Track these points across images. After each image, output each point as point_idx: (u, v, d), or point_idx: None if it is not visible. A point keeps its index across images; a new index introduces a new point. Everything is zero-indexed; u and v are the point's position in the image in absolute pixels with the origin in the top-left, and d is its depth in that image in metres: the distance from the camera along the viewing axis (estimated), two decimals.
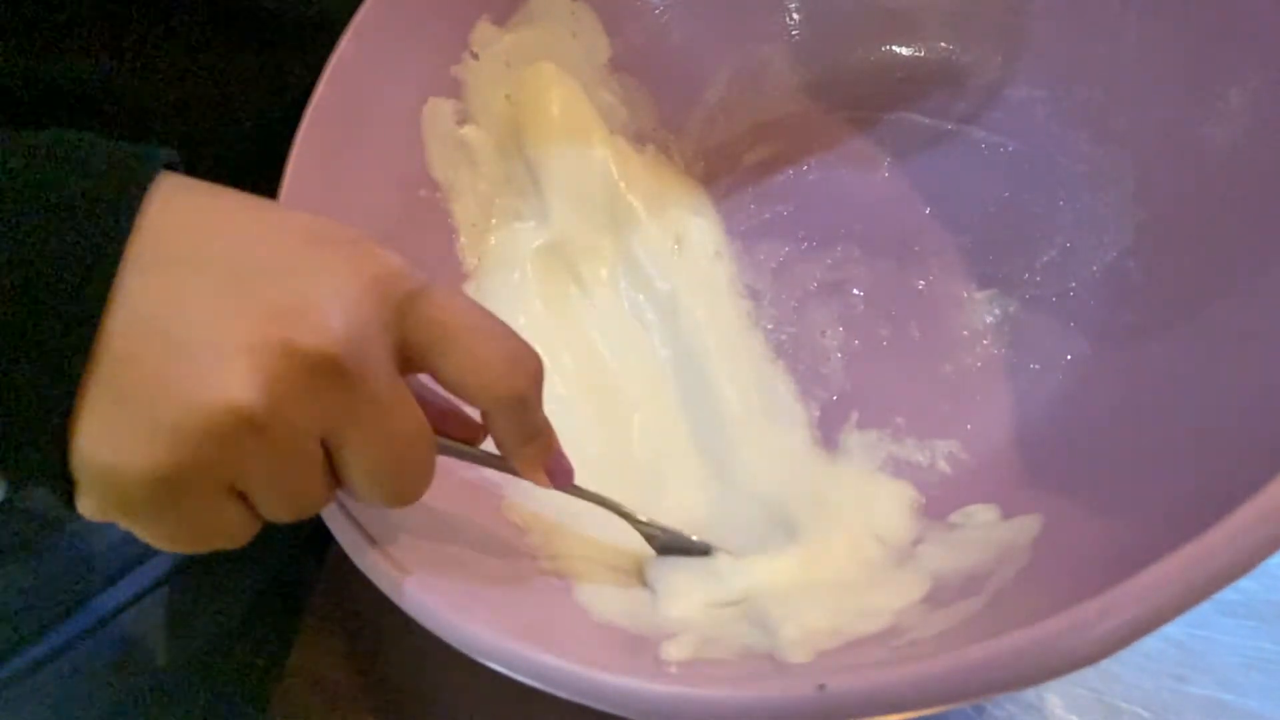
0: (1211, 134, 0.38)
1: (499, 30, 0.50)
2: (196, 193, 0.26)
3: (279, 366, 0.24)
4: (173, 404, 0.23)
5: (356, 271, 0.26)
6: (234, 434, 0.24)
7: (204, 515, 0.25)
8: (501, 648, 0.26)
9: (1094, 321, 0.41)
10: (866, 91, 0.52)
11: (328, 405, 0.25)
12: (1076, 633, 0.21)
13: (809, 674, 0.22)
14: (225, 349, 0.24)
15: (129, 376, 0.23)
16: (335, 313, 0.25)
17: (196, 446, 0.23)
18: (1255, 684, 0.39)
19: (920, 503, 0.39)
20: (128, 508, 0.25)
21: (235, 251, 0.25)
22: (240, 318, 0.24)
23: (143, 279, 0.24)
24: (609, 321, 0.48)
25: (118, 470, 0.24)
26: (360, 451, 0.26)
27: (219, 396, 0.23)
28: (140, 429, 0.23)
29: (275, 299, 0.24)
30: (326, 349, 0.24)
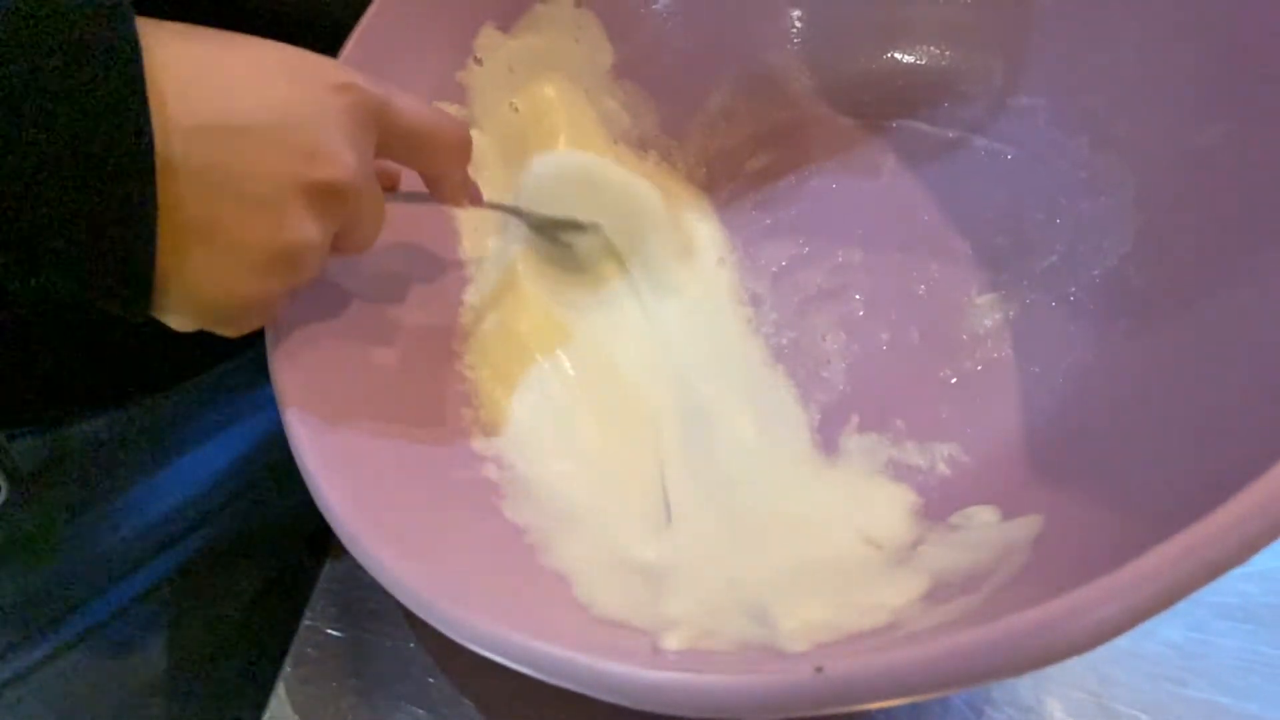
0: (1210, 140, 0.38)
1: (503, 36, 0.50)
2: (189, 46, 0.30)
3: (325, 202, 0.33)
4: (264, 248, 0.32)
5: (349, 105, 0.34)
6: (306, 257, 0.33)
7: (271, 308, 0.34)
8: (501, 637, 0.26)
9: (1094, 325, 0.41)
10: (868, 99, 0.52)
11: (345, 213, 0.35)
12: (1075, 616, 0.21)
13: (807, 659, 0.22)
14: (287, 199, 0.32)
15: (214, 231, 0.30)
16: (349, 149, 0.33)
17: (286, 273, 0.33)
18: (1254, 687, 0.39)
19: (920, 506, 0.39)
20: (226, 320, 0.33)
21: (255, 107, 0.31)
22: (286, 168, 0.31)
23: (191, 148, 0.29)
24: (611, 328, 0.48)
25: (231, 300, 0.32)
26: (360, 231, 0.37)
27: (296, 237, 0.32)
28: (244, 269, 0.31)
29: (304, 145, 0.32)
30: (350, 181, 0.33)
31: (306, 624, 0.48)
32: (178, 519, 0.53)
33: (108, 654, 0.50)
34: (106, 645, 0.50)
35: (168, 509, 0.52)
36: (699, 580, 0.35)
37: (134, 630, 0.50)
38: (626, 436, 0.44)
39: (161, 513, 0.52)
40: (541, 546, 0.37)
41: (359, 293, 0.42)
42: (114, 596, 0.50)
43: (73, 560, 0.48)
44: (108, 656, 0.50)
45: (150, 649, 0.51)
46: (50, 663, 0.48)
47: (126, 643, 0.51)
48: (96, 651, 0.49)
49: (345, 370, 0.40)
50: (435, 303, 0.46)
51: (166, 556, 0.52)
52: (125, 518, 0.50)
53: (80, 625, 0.49)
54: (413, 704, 0.44)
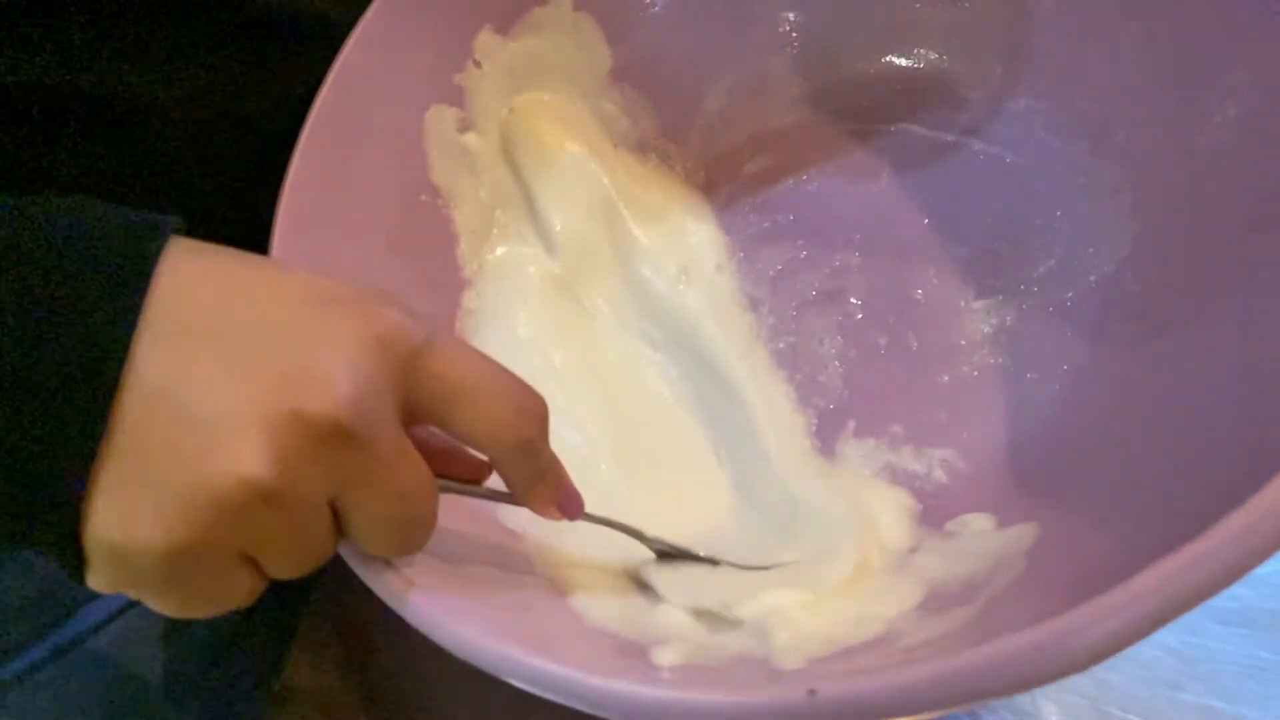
0: (1209, 147, 0.38)
1: (502, 39, 0.50)
2: (202, 258, 0.26)
3: (289, 436, 0.24)
4: (184, 479, 0.23)
5: (360, 333, 0.26)
6: (246, 506, 0.24)
7: (216, 584, 0.26)
8: (492, 650, 0.26)
9: (1091, 332, 0.41)
10: (866, 102, 0.52)
11: (336, 468, 0.25)
12: (1066, 639, 0.21)
13: (800, 679, 0.23)
14: (235, 421, 0.24)
15: (140, 451, 0.23)
16: (341, 378, 0.25)
17: (209, 521, 0.24)
18: (1250, 692, 0.39)
19: (917, 511, 0.39)
20: (140, 582, 0.25)
21: (242, 319, 0.25)
22: (249, 387, 0.24)
23: (154, 351, 0.24)
24: (609, 333, 0.48)
25: (130, 547, 0.23)
26: (368, 509, 0.27)
27: (231, 470, 0.23)
28: (152, 505, 0.23)
29: (282, 366, 0.25)
30: (334, 415, 0.24)
31: (304, 627, 0.48)
32: None
33: (109, 655, 0.50)
34: (107, 646, 0.50)
35: None
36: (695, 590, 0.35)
37: (131, 635, 0.51)
38: (625, 443, 0.44)
39: None
40: (536, 554, 0.37)
41: None
42: (112, 600, 0.50)
43: None
44: (109, 658, 0.50)
45: (151, 650, 0.51)
46: (48, 666, 0.48)
47: (128, 644, 0.51)
48: (97, 653, 0.49)
49: None
50: (432, 304, 0.46)
51: None
52: None
53: (81, 626, 0.49)
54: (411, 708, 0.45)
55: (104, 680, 0.50)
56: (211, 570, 0.25)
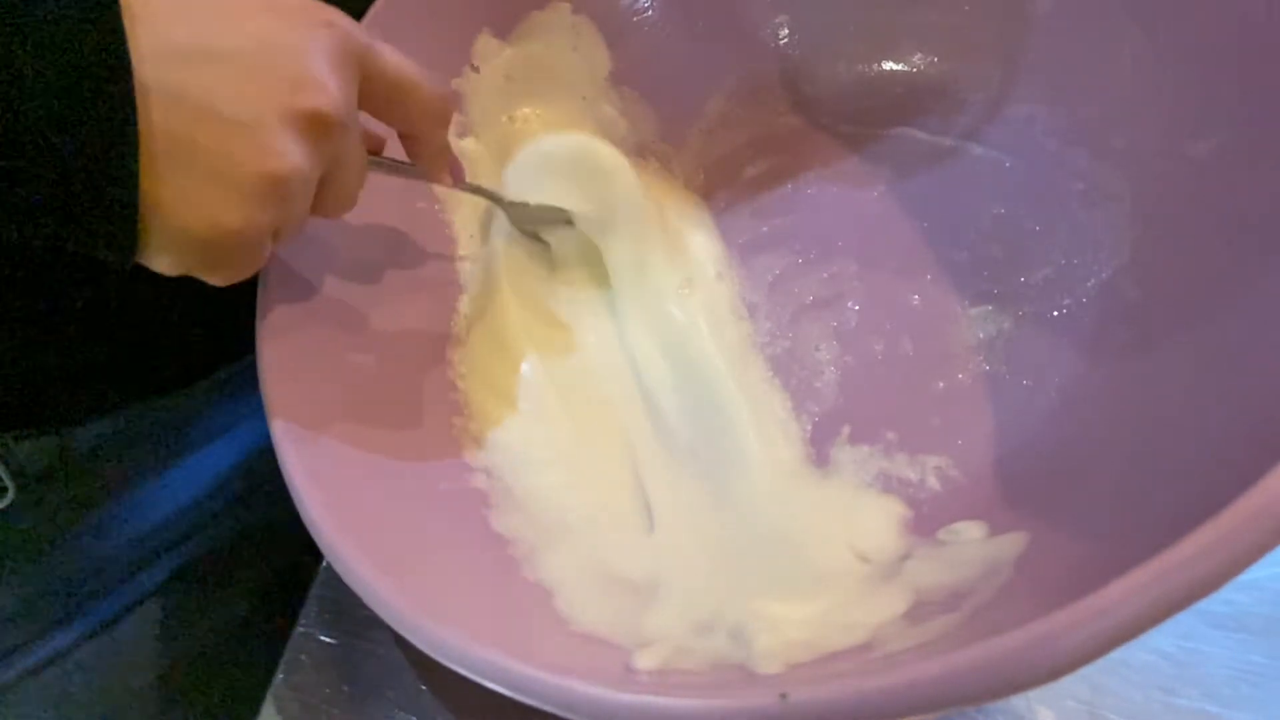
0: (1208, 153, 0.38)
1: (500, 43, 0.50)
2: None
3: (312, 130, 0.31)
4: (249, 173, 0.30)
5: (335, 40, 0.32)
6: (294, 189, 0.31)
7: (257, 254, 0.32)
8: (469, 653, 0.26)
9: (1088, 339, 0.40)
10: (865, 107, 0.52)
11: (333, 148, 0.33)
12: (1040, 646, 0.21)
13: (775, 684, 0.22)
14: (273, 124, 0.30)
15: (199, 156, 0.29)
16: (334, 80, 0.32)
17: (275, 203, 0.31)
18: (1244, 697, 0.39)
19: (909, 519, 0.39)
20: (212, 259, 0.31)
21: (239, 36, 0.30)
22: (272, 94, 0.30)
23: (172, 72, 0.28)
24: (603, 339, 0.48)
25: (215, 231, 0.30)
26: (342, 178, 0.35)
27: (284, 162, 0.30)
28: (228, 196, 0.30)
29: (291, 74, 0.31)
30: (336, 110, 0.32)
31: (299, 630, 0.48)
32: (181, 521, 0.53)
33: (109, 656, 0.50)
34: (107, 649, 0.50)
35: (171, 511, 0.52)
36: (683, 594, 0.35)
37: (133, 635, 0.51)
38: (617, 449, 0.44)
39: (165, 515, 0.52)
40: (526, 558, 0.37)
41: (352, 299, 0.43)
42: (116, 598, 0.50)
43: (76, 562, 0.48)
44: (109, 659, 0.50)
45: (152, 651, 0.52)
46: (52, 665, 0.48)
47: (128, 645, 0.51)
48: (97, 655, 0.50)
49: (335, 378, 0.40)
50: (430, 310, 0.46)
51: (169, 558, 0.52)
52: (129, 520, 0.50)
53: (83, 627, 0.49)
54: (404, 711, 0.45)
55: (103, 682, 0.50)
56: (259, 242, 0.32)
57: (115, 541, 0.50)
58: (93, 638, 0.49)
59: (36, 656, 0.47)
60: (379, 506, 0.35)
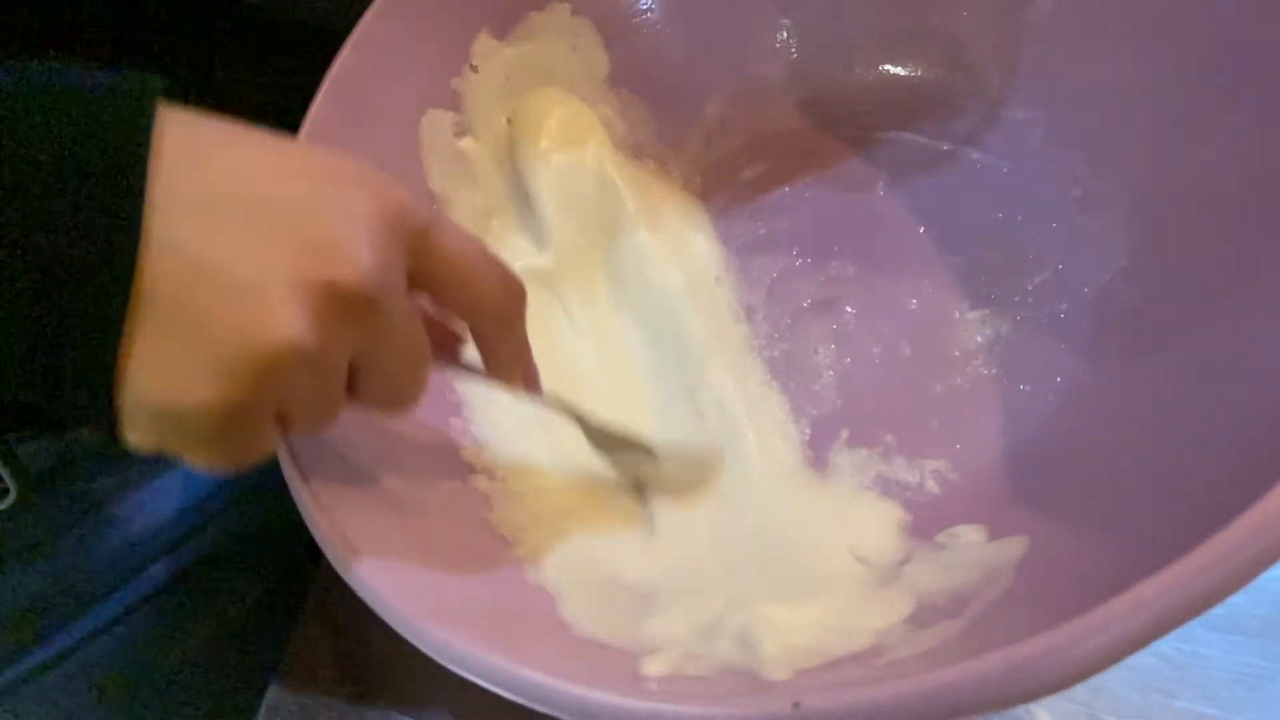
0: (1205, 158, 0.38)
1: (499, 43, 0.50)
2: (204, 127, 0.27)
3: (324, 303, 0.26)
4: (233, 343, 0.25)
5: (378, 208, 0.28)
6: (288, 368, 0.26)
7: (250, 439, 0.27)
8: (477, 659, 0.26)
9: (1085, 343, 0.41)
10: (864, 110, 0.52)
11: (361, 332, 0.28)
12: (1052, 656, 0.21)
13: (786, 691, 0.22)
14: (275, 289, 0.25)
15: (183, 317, 0.24)
16: (365, 249, 0.27)
17: (256, 382, 0.25)
18: (1241, 699, 0.39)
19: (908, 522, 0.39)
20: (185, 439, 0.26)
21: (264, 191, 0.26)
22: (282, 256, 0.25)
23: (179, 222, 0.24)
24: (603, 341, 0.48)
25: (182, 406, 0.25)
26: (380, 369, 0.30)
27: (277, 335, 0.25)
28: (203, 367, 0.25)
29: (309, 237, 0.26)
30: (362, 284, 0.26)
31: (298, 631, 0.48)
32: (181, 522, 0.53)
33: (109, 657, 0.50)
34: (110, 649, 0.50)
35: (172, 512, 0.52)
36: (685, 599, 0.35)
37: (135, 634, 0.51)
38: None
39: (166, 515, 0.52)
40: (528, 560, 0.37)
41: None
42: (116, 600, 0.50)
43: (76, 563, 0.48)
44: (109, 660, 0.50)
45: (151, 652, 0.51)
46: (54, 666, 0.48)
47: (128, 646, 0.51)
48: (100, 655, 0.50)
49: None
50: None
51: (169, 559, 0.52)
52: (130, 521, 0.50)
53: (83, 629, 0.49)
54: (402, 713, 0.45)
55: (102, 684, 0.50)
56: (249, 426, 0.26)
57: (115, 543, 0.50)
58: (93, 639, 0.49)
59: (37, 658, 0.47)
60: (379, 507, 0.35)
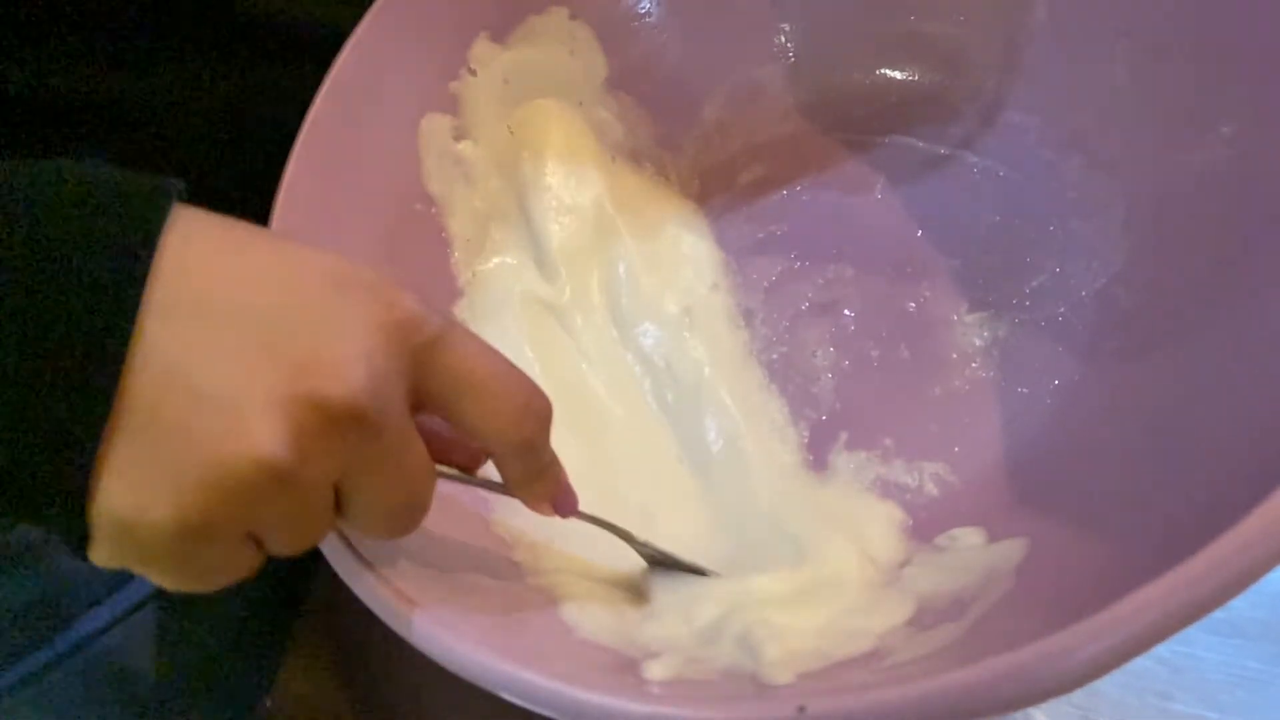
0: (1202, 163, 0.39)
1: (498, 47, 0.50)
2: (211, 229, 0.26)
3: (306, 420, 0.24)
4: (200, 458, 0.23)
5: (377, 320, 0.26)
6: (260, 487, 0.24)
7: (220, 560, 0.25)
8: (479, 662, 0.26)
9: (1083, 346, 0.41)
10: (861, 114, 0.52)
11: (347, 453, 0.25)
12: (1055, 660, 0.21)
13: (789, 695, 0.23)
14: (252, 403, 0.23)
15: (153, 428, 0.23)
16: (358, 365, 0.25)
17: (223, 501, 0.23)
18: (1240, 702, 0.39)
19: (907, 524, 0.39)
20: (146, 558, 0.24)
21: (257, 299, 0.25)
22: (266, 370, 0.24)
23: (165, 327, 0.23)
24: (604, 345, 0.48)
25: (142, 524, 0.23)
26: (371, 493, 0.27)
27: (248, 451, 0.23)
28: (166, 483, 0.23)
29: (299, 350, 0.24)
30: (351, 401, 0.24)
31: (299, 634, 0.48)
32: None
33: (108, 661, 0.50)
34: (104, 657, 0.50)
35: None
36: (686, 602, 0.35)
37: (130, 643, 0.51)
38: (620, 454, 0.44)
39: None
40: (530, 565, 0.37)
41: None
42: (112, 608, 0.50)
43: (74, 570, 0.48)
44: (108, 664, 0.50)
45: (151, 656, 0.51)
46: (48, 674, 0.48)
47: (127, 650, 0.51)
48: (94, 663, 0.49)
49: None
50: None
51: None
52: None
53: (82, 631, 0.49)
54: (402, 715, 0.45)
55: (103, 687, 0.50)
56: (218, 547, 0.25)
57: None
58: (92, 642, 0.49)
59: (35, 662, 0.47)
60: None
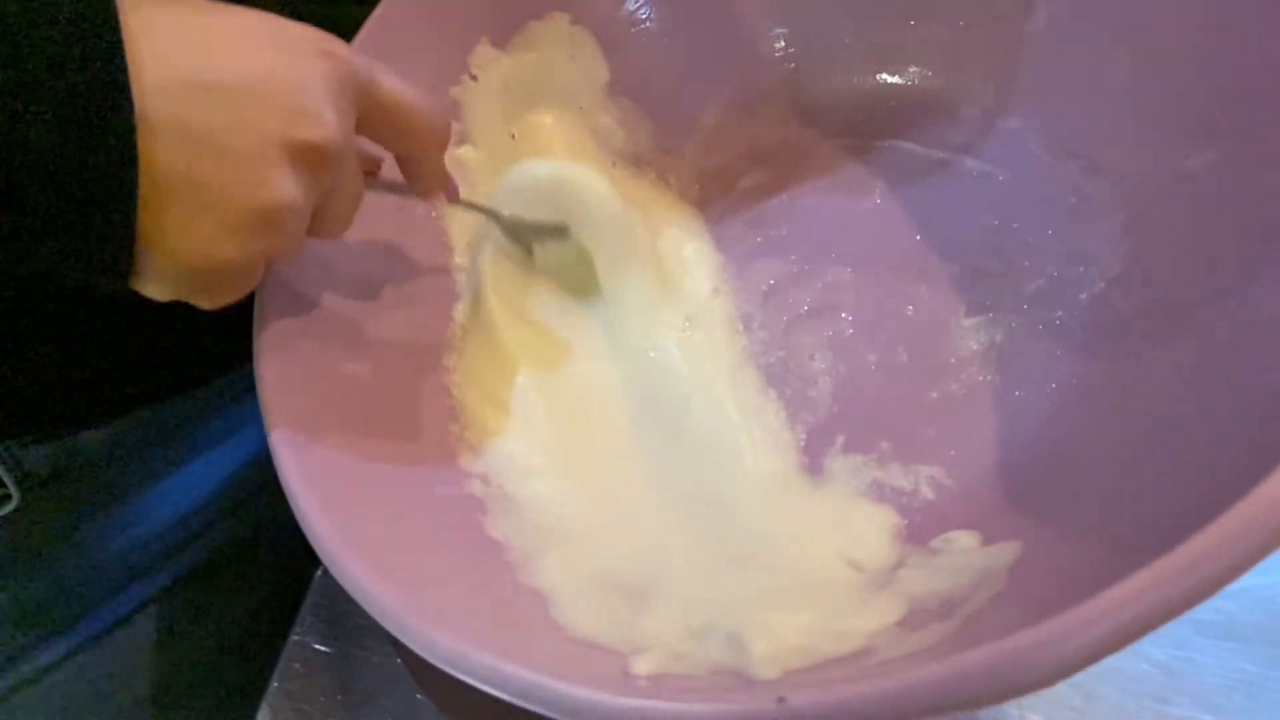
0: (1199, 168, 0.38)
1: (498, 52, 0.51)
2: (167, 6, 0.30)
3: (307, 161, 0.32)
4: (242, 206, 0.30)
5: (335, 72, 0.33)
6: (286, 219, 0.32)
7: (250, 276, 0.33)
8: (468, 657, 0.26)
9: (1080, 350, 0.41)
10: (860, 119, 0.52)
11: (328, 178, 0.34)
12: (1036, 652, 0.21)
13: (773, 689, 0.23)
14: (269, 156, 0.30)
15: (192, 188, 0.29)
16: (332, 113, 0.32)
17: (269, 234, 0.31)
18: (1236, 705, 0.39)
19: (902, 528, 0.39)
20: (206, 289, 0.32)
21: (242, 66, 0.30)
22: (268, 127, 0.30)
23: (173, 103, 0.28)
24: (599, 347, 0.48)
25: (211, 264, 0.31)
26: (334, 205, 0.36)
27: (281, 196, 0.31)
28: (215, 228, 0.30)
29: (288, 108, 0.31)
30: (334, 144, 0.32)
31: (294, 639, 0.48)
32: (181, 527, 0.53)
33: (109, 662, 0.50)
34: (108, 656, 0.50)
35: (172, 516, 0.52)
36: (677, 601, 0.35)
37: (134, 639, 0.51)
38: (612, 455, 0.44)
39: (166, 520, 0.52)
40: (522, 564, 0.37)
41: (348, 307, 0.43)
42: (116, 605, 0.50)
43: (77, 568, 0.48)
44: (109, 665, 0.50)
45: (150, 658, 0.51)
46: (53, 671, 0.48)
47: (127, 652, 0.51)
48: (98, 660, 0.50)
49: (333, 386, 0.40)
50: (426, 318, 0.46)
51: (169, 565, 0.52)
52: (129, 526, 0.50)
53: (82, 633, 0.49)
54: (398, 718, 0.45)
55: (101, 689, 0.50)
56: (251, 270, 0.32)
57: (116, 548, 0.50)
58: (92, 644, 0.49)
59: (37, 663, 0.47)
60: (376, 513, 0.36)
